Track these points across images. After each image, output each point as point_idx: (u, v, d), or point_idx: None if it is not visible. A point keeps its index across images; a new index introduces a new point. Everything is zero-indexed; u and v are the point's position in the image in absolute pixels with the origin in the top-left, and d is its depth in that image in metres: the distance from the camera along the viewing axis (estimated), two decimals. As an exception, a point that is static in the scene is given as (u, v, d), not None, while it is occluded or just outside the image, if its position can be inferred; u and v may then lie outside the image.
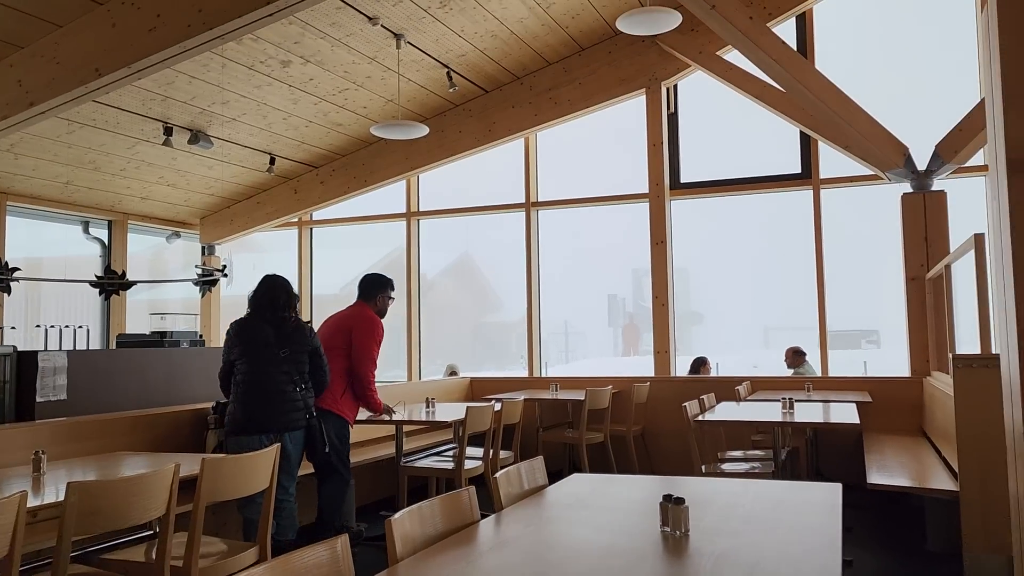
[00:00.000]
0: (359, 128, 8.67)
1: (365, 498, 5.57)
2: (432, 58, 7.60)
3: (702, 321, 9.66)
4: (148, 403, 5.26)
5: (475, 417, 4.66)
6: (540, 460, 2.72)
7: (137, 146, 7.93)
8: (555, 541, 1.97)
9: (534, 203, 8.70)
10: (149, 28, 5.76)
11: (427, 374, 9.33)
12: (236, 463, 3.06)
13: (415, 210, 9.30)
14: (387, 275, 5.16)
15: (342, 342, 4.73)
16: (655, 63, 7.93)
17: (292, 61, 7.10)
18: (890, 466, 4.64)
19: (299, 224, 9.92)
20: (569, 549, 1.88)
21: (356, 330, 4.76)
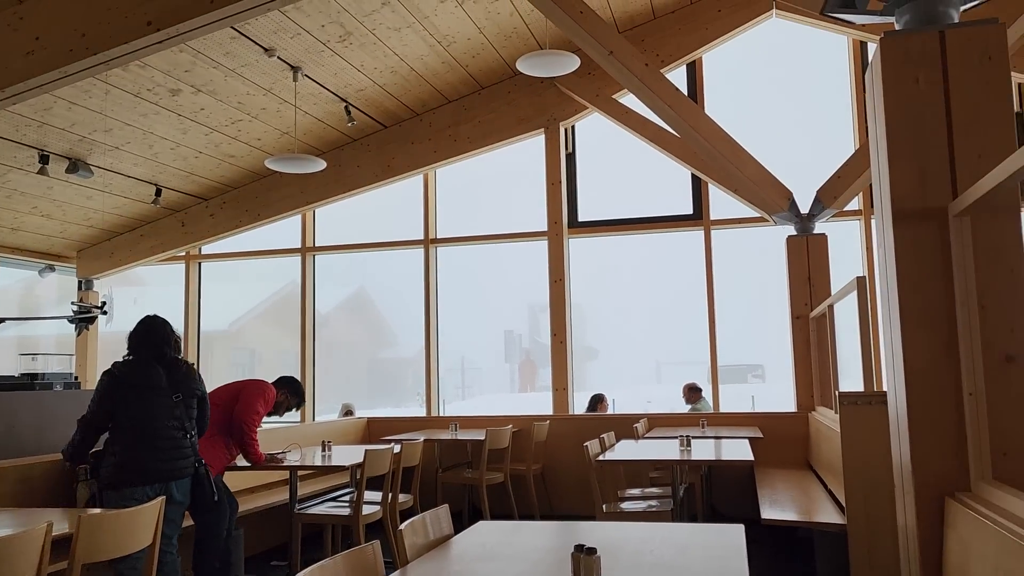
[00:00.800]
0: (253, 160, 8.43)
1: (255, 547, 5.31)
2: (330, 92, 7.50)
3: (597, 356, 9.81)
4: (17, 451, 4.85)
5: (373, 460, 4.53)
6: (445, 509, 2.65)
7: (8, 174, 7.44)
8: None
9: (433, 240, 8.65)
10: (26, 51, 5.44)
11: (321, 413, 9.06)
12: (117, 519, 2.84)
13: (310, 245, 9.09)
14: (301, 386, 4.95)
15: (225, 398, 4.58)
16: (553, 104, 8.08)
17: (182, 90, 6.86)
18: (781, 500, 4.79)
19: (187, 258, 9.51)
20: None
21: (247, 388, 4.63)
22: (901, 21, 2.54)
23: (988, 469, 2.22)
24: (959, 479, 2.30)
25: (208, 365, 9.88)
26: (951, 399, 2.31)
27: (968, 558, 2.10)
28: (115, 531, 2.82)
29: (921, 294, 2.32)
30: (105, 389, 3.85)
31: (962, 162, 2.27)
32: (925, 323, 2.33)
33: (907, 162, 2.31)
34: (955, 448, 2.31)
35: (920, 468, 2.35)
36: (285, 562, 5.18)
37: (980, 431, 2.22)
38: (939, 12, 2.46)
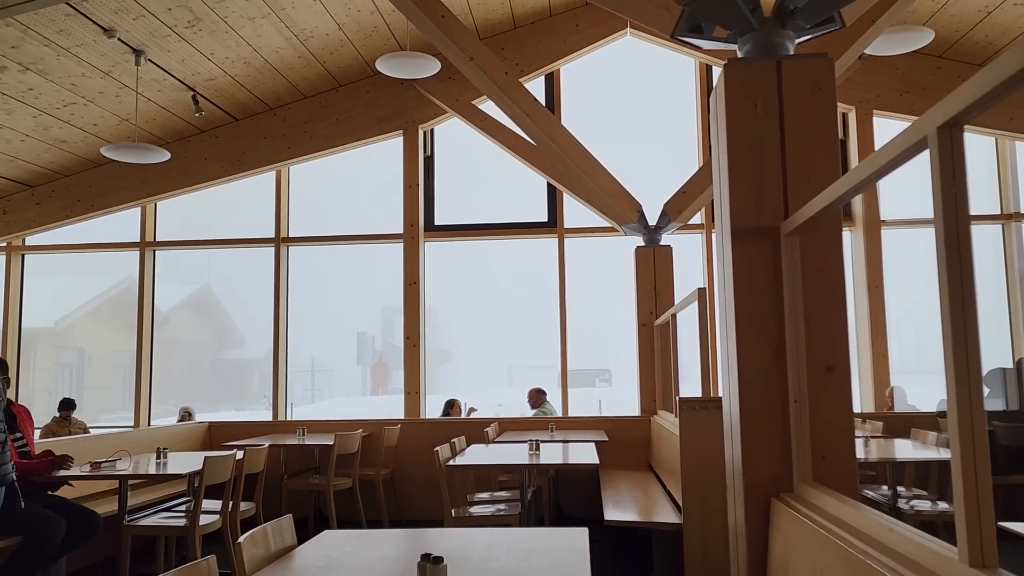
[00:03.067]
0: (87, 147, 7.84)
1: (78, 562, 4.92)
2: (176, 79, 7.10)
3: (450, 359, 9.83)
4: None
5: (213, 468, 4.31)
6: (289, 519, 2.56)
7: None
8: (305, 611, 1.84)
9: (285, 238, 8.37)
10: None
11: (157, 417, 8.55)
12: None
13: (150, 240, 8.55)
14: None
15: None
16: (413, 106, 8.03)
17: (7, 67, 6.29)
18: (624, 501, 4.97)
19: (8, 249, 8.69)
20: (321, 620, 1.77)
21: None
22: (743, 49, 2.70)
23: (809, 471, 2.39)
24: (784, 480, 2.47)
25: (30, 365, 9.10)
26: (778, 405, 2.47)
27: (790, 554, 2.25)
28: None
29: (755, 306, 2.48)
30: None
31: (793, 184, 2.44)
32: (757, 334, 2.49)
33: (745, 182, 2.46)
34: (781, 451, 2.47)
35: (750, 470, 2.50)
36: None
37: (803, 436, 2.40)
38: (776, 44, 2.64)
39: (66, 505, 4.32)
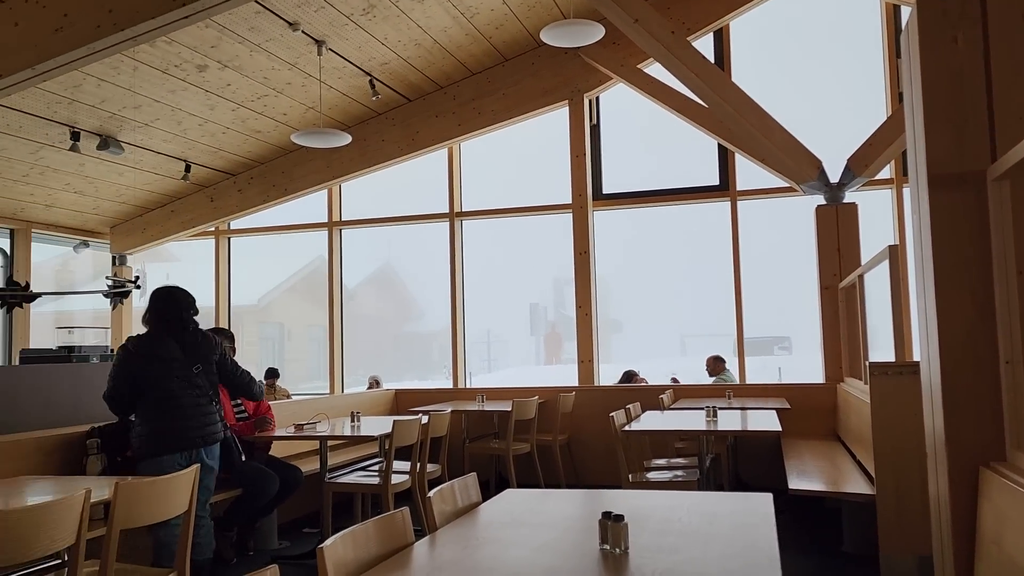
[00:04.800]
0: (279, 135, 8.46)
1: (287, 515, 5.40)
2: (354, 66, 7.48)
3: (621, 329, 9.80)
4: (54, 423, 4.95)
5: (402, 431, 4.58)
6: (473, 477, 2.67)
7: (41, 151, 7.53)
8: (493, 563, 1.92)
9: (458, 213, 8.65)
10: (55, 28, 5.48)
11: (349, 386, 9.16)
12: (153, 486, 2.90)
13: (337, 220, 9.13)
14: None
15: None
16: (578, 75, 8.00)
17: (209, 65, 6.88)
18: (808, 471, 4.77)
19: (216, 233, 9.60)
20: (508, 571, 1.84)
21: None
22: (938, -19, 2.47)
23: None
24: (994, 448, 2.28)
25: (239, 339, 10.02)
26: (987, 367, 2.28)
27: (1003, 528, 2.08)
28: (151, 498, 2.89)
29: (957, 260, 2.28)
30: (120, 363, 3.93)
31: (1002, 123, 2.21)
32: (960, 290, 2.30)
33: (944, 125, 2.26)
34: (991, 417, 2.28)
35: (954, 438, 2.32)
36: (316, 529, 5.27)
37: (1017, 399, 2.19)
38: (978, -29, 2.39)
39: (276, 462, 4.76)
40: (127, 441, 4.07)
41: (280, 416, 5.09)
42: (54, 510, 2.54)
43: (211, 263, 9.60)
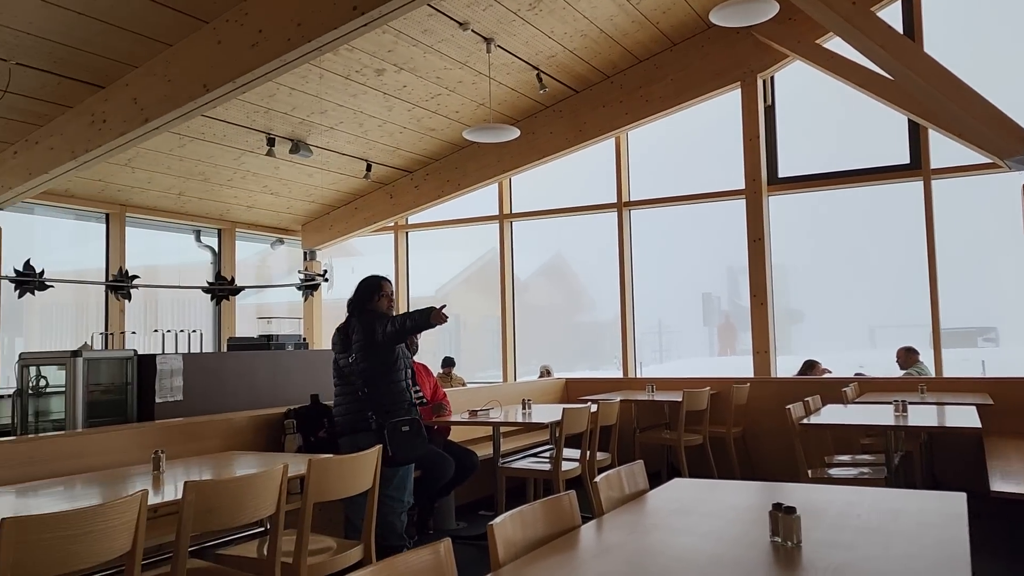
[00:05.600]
0: (451, 132, 8.78)
1: (463, 497, 5.63)
2: (522, 60, 7.62)
3: (802, 320, 9.34)
4: (256, 404, 5.46)
5: (572, 419, 4.64)
6: (640, 464, 2.68)
7: (243, 157, 8.27)
8: (659, 549, 1.93)
9: (626, 203, 8.60)
10: (251, 44, 5.98)
11: (522, 375, 9.37)
12: (342, 463, 3.13)
13: (508, 212, 9.35)
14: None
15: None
16: (750, 55, 7.71)
17: (386, 69, 7.25)
18: (1015, 472, 4.36)
19: (395, 228, 10.14)
20: (674, 558, 1.84)
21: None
22: None
23: None
24: None
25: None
26: None
27: None
28: (341, 474, 3.12)
29: None
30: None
31: None
32: None
33: None
34: None
35: None
36: (492, 512, 5.45)
37: None
38: None
39: (454, 447, 4.97)
40: (320, 422, 4.40)
41: (455, 403, 5.31)
42: (258, 482, 2.82)
43: (390, 256, 10.15)
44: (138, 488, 2.81)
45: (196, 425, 4.23)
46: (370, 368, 4.35)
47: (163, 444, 3.93)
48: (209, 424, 4.27)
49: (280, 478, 2.89)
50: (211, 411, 5.20)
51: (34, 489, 3.14)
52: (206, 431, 4.22)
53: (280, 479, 2.89)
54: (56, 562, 2.25)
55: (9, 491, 3.09)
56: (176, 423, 4.19)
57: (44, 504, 2.91)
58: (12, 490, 3.11)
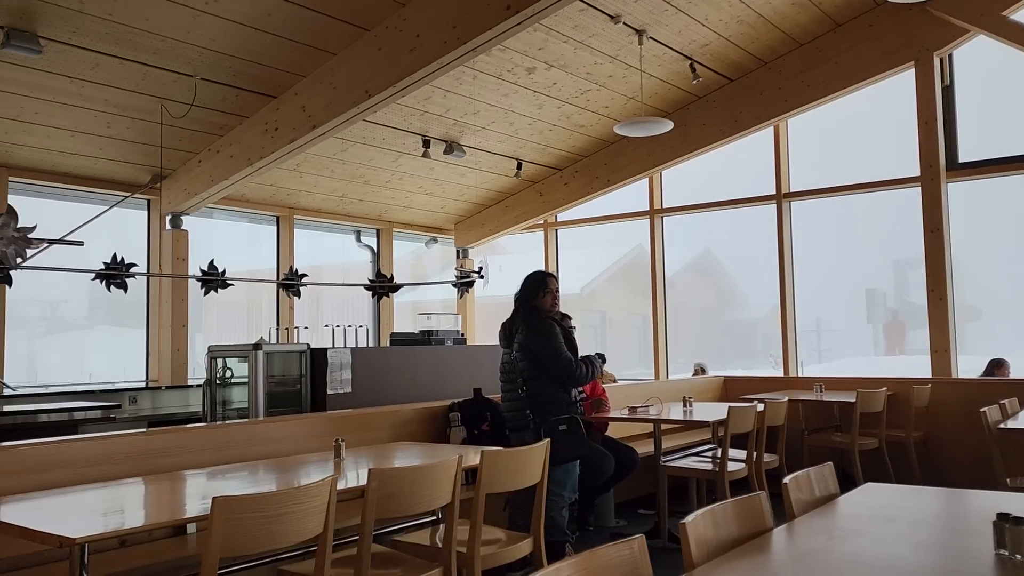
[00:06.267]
0: (601, 128, 8.71)
1: (622, 495, 5.56)
2: (674, 51, 7.44)
3: (979, 317, 8.63)
4: (418, 396, 5.63)
5: (738, 418, 4.48)
6: (830, 466, 2.53)
7: (400, 159, 8.56)
8: (866, 558, 1.80)
9: (786, 194, 8.23)
10: (410, 48, 6.17)
11: (674, 372, 9.19)
12: (512, 456, 3.16)
13: (659, 207, 9.18)
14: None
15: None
16: (925, 32, 7.17)
17: (537, 67, 7.29)
18: None
19: (544, 226, 10.19)
20: (885, 569, 1.71)
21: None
22: None
23: None
24: None
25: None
26: None
27: None
28: (512, 467, 3.14)
29: None
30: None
31: None
32: None
33: None
34: None
35: None
36: (651, 511, 5.36)
37: None
38: None
39: (614, 443, 4.92)
40: (483, 416, 4.47)
41: (614, 399, 5.26)
42: (435, 471, 2.88)
43: (536, 254, 10.22)
44: (322, 473, 2.94)
45: (367, 416, 4.40)
46: (530, 368, 4.39)
47: (337, 433, 4.11)
48: (379, 415, 4.44)
49: (455, 468, 2.94)
50: (376, 403, 5.41)
51: (230, 472, 3.37)
52: (376, 422, 4.38)
53: (455, 469, 2.94)
54: (258, 540, 2.39)
55: (199, 473, 3.32)
56: (349, 414, 4.38)
57: (240, 487, 3.11)
58: (203, 472, 3.35)
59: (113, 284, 5.95)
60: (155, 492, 3.04)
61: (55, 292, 7.72)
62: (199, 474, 3.31)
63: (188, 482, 3.17)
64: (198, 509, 2.64)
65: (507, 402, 4.48)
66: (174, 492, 3.04)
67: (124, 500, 2.93)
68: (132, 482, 3.15)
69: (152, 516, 2.66)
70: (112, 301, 8.13)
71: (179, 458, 3.55)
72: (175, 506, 2.90)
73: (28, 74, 5.95)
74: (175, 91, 6.56)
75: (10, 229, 4.74)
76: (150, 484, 3.14)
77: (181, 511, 2.82)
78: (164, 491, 3.06)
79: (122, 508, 2.85)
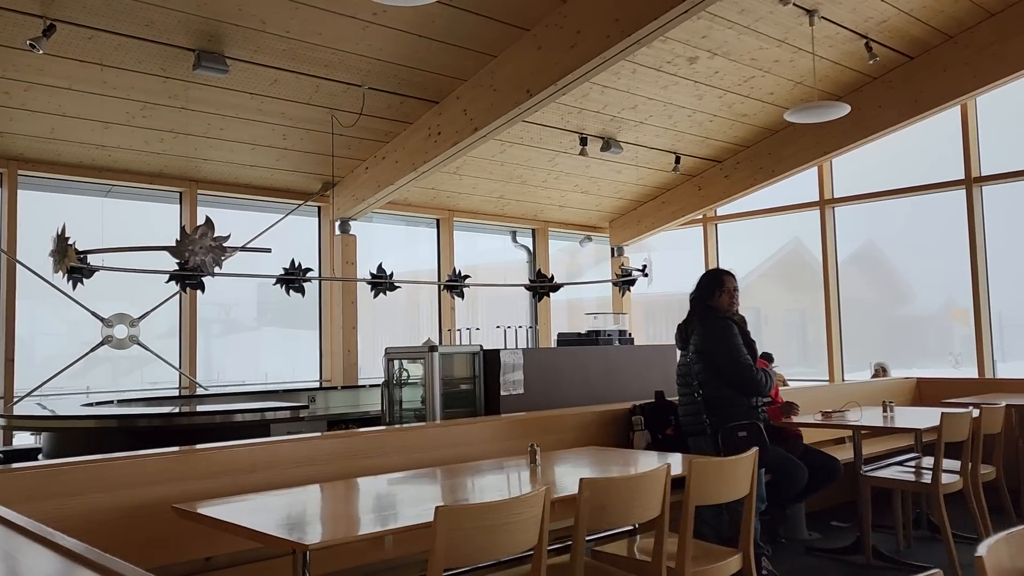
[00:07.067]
0: (765, 117, 8.32)
1: (813, 504, 5.23)
2: (848, 30, 6.97)
3: None
4: (589, 399, 5.53)
5: (952, 425, 4.09)
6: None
7: (556, 158, 8.50)
8: None
9: (976, 179, 7.56)
10: (571, 45, 6.07)
11: (849, 371, 8.65)
12: (721, 466, 2.99)
13: (829, 197, 8.66)
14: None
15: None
16: None
17: (699, 56, 7.02)
18: None
19: (704, 220, 9.86)
20: None
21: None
22: None
23: None
24: None
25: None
26: None
27: None
28: (721, 477, 2.97)
29: None
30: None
31: None
32: None
33: None
34: None
35: None
36: (847, 523, 5.01)
37: None
38: None
39: (811, 451, 4.61)
40: (667, 419, 4.31)
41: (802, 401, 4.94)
42: (645, 481, 2.76)
43: (688, 252, 9.91)
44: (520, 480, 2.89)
45: (549, 419, 4.34)
46: (705, 371, 4.21)
47: (521, 436, 4.07)
48: (561, 418, 4.37)
49: (664, 478, 2.81)
50: (548, 405, 5.35)
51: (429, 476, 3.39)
52: (558, 425, 4.32)
53: (664, 479, 2.81)
54: (479, 550, 2.35)
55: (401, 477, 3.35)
56: (532, 416, 4.34)
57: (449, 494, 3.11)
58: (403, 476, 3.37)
59: (292, 288, 6.21)
60: (368, 496, 3.08)
61: (227, 296, 8.17)
62: (401, 478, 3.34)
63: (396, 487, 3.21)
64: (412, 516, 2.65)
65: (683, 406, 4.33)
66: (388, 496, 3.08)
67: (340, 503, 2.99)
68: (341, 484, 3.21)
69: (374, 522, 2.66)
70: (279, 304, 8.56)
71: (375, 460, 3.61)
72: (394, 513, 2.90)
73: (215, 93, 6.31)
74: (344, 101, 6.78)
75: (208, 239, 5.01)
76: (361, 487, 3.19)
77: (401, 518, 2.79)
78: (373, 495, 3.10)
79: (345, 512, 2.89)
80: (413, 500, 3.06)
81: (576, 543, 2.62)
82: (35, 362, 6.83)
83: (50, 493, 2.80)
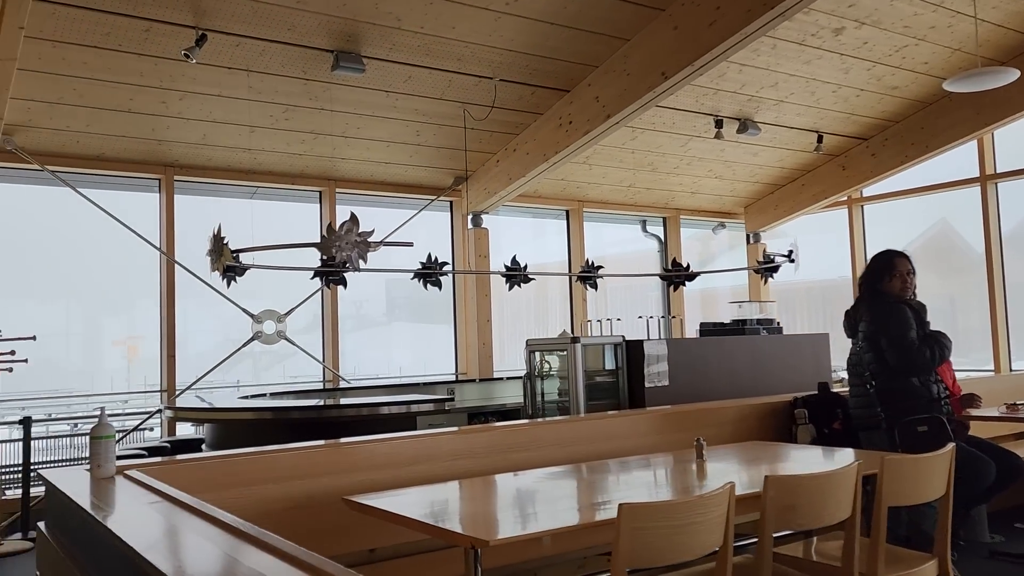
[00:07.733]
0: (918, 88, 7.75)
1: (994, 505, 4.80)
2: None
3: None
4: (737, 391, 5.28)
5: None
6: None
7: (689, 143, 8.23)
8: None
9: None
10: (709, 23, 5.82)
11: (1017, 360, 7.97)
12: (917, 464, 2.75)
13: (992, 172, 7.99)
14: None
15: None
16: None
17: (845, 27, 6.61)
18: None
19: (848, 202, 9.31)
20: None
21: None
22: None
23: None
24: None
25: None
26: None
27: None
28: (916, 477, 2.73)
29: None
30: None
31: None
32: None
33: None
34: None
35: None
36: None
37: None
38: None
39: (987, 446, 4.23)
40: (833, 413, 4.05)
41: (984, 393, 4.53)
42: (834, 480, 2.56)
43: (826, 236, 9.38)
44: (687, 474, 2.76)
45: (707, 411, 4.17)
46: (877, 360, 3.91)
47: (677, 429, 3.91)
48: (719, 411, 4.18)
49: (855, 477, 2.60)
50: (694, 397, 5.14)
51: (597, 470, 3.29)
52: (716, 418, 4.13)
53: (855, 478, 2.60)
54: (664, 551, 2.22)
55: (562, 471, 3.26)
56: (688, 409, 4.18)
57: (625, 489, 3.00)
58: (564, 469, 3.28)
59: (429, 282, 6.25)
60: (530, 490, 3.01)
61: (359, 292, 8.34)
62: (562, 472, 3.25)
63: (558, 481, 3.12)
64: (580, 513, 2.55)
65: (854, 398, 4.07)
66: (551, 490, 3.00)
67: (505, 497, 2.94)
68: (502, 478, 3.16)
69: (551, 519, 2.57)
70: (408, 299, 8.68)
71: (530, 453, 3.54)
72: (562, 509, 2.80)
73: (352, 92, 6.43)
74: (476, 95, 6.77)
75: (353, 234, 5.10)
76: (521, 481, 3.13)
77: (581, 514, 2.69)
78: (537, 489, 3.02)
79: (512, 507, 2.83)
80: (581, 495, 2.97)
81: (762, 544, 2.46)
82: (190, 357, 7.20)
83: (229, 483, 2.87)
